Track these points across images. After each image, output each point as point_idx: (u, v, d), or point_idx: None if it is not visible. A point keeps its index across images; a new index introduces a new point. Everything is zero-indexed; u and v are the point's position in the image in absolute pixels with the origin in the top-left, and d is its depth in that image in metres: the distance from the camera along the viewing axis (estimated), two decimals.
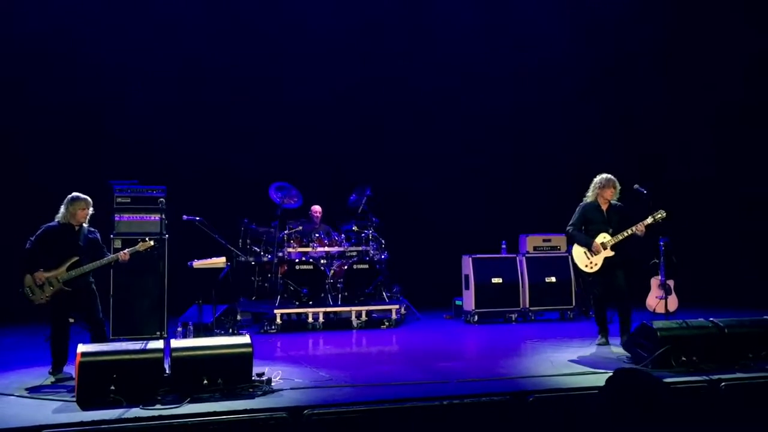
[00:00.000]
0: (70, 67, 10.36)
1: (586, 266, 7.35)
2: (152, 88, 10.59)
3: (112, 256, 6.44)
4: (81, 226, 6.37)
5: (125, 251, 6.42)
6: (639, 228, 7.09)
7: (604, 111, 11.75)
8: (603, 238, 7.26)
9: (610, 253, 7.23)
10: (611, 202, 7.41)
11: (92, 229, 6.51)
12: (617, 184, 7.38)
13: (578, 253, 7.42)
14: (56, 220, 6.34)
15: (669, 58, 11.72)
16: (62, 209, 6.33)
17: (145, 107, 10.50)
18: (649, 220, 7.08)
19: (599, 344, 7.35)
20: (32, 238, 6.27)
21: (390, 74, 11.49)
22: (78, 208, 6.27)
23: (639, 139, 11.62)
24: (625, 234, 7.16)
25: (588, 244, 7.30)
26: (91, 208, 6.40)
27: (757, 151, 11.06)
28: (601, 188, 7.36)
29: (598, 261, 7.27)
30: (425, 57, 11.58)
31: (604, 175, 7.42)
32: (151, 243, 6.62)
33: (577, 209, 7.57)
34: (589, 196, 7.50)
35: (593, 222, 7.40)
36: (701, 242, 10.71)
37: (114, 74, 10.53)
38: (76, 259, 6.23)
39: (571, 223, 7.54)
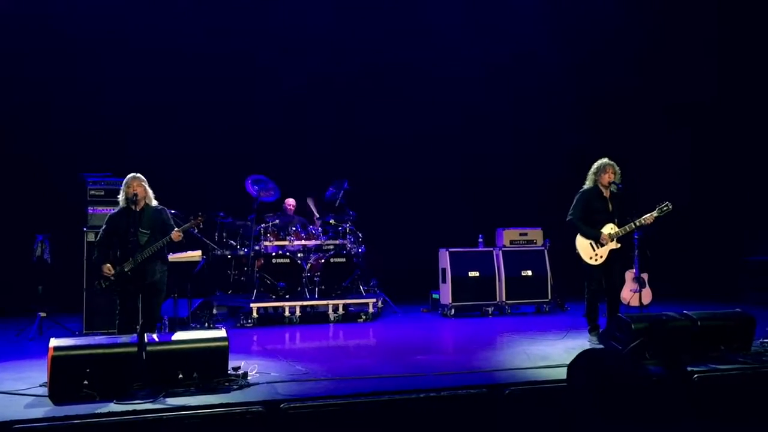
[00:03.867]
0: (41, 63, 10.20)
1: (591, 258, 6.97)
2: (128, 79, 10.44)
3: (164, 238, 6.29)
4: (145, 206, 6.28)
5: (177, 230, 6.31)
6: (648, 219, 6.78)
7: (582, 105, 11.80)
8: (611, 229, 6.93)
9: (616, 245, 6.92)
10: (612, 190, 7.06)
11: (159, 207, 6.41)
12: (616, 168, 7.02)
13: (583, 244, 7.02)
14: (119, 205, 6.32)
15: (649, 53, 11.82)
16: (121, 194, 6.29)
17: (119, 99, 10.35)
18: (656, 212, 6.78)
19: (591, 341, 6.98)
20: (101, 230, 6.28)
21: (367, 67, 11.44)
22: (134, 186, 6.21)
23: (617, 136, 11.68)
24: (634, 225, 6.84)
25: (596, 236, 6.93)
26: (145, 183, 6.32)
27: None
28: (598, 173, 7.02)
29: (603, 253, 6.94)
30: (403, 50, 11.54)
31: (601, 160, 7.08)
32: (202, 218, 6.58)
33: (577, 197, 7.15)
34: (588, 182, 7.13)
35: (597, 211, 7.01)
36: (674, 235, 10.80)
37: (87, 66, 10.37)
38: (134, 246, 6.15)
39: (571, 212, 7.12)
